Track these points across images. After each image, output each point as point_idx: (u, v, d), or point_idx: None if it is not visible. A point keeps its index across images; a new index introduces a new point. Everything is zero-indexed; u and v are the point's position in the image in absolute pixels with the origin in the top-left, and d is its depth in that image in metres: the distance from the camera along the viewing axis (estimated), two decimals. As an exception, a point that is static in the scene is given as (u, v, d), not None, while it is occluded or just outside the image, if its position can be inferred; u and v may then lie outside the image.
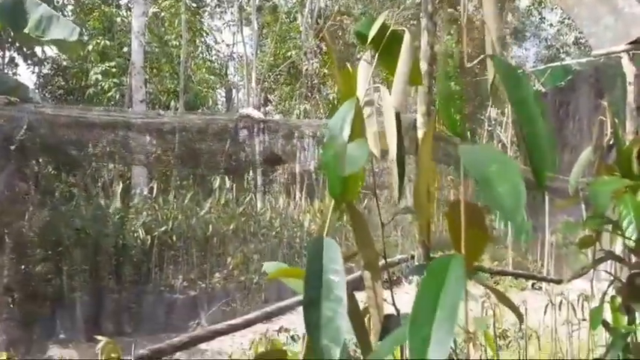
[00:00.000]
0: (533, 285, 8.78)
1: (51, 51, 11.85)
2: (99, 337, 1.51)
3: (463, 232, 0.94)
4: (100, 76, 11.85)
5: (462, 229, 0.94)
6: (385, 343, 0.91)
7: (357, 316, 1.03)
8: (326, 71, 14.82)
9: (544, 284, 7.30)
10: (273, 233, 9.42)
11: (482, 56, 1.04)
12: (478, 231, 0.97)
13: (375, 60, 1.14)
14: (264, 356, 1.05)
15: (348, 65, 1.21)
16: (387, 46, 1.14)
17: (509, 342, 4.96)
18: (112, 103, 12.16)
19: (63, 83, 13.83)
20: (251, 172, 12.60)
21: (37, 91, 11.81)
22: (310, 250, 0.92)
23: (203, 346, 5.90)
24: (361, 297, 1.09)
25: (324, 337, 0.78)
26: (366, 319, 1.17)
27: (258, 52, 15.46)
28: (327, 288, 0.85)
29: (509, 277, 8.79)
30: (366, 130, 1.14)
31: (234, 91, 18.56)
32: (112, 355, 1.52)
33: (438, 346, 0.73)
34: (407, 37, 1.11)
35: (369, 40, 1.13)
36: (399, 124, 1.11)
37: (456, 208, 0.98)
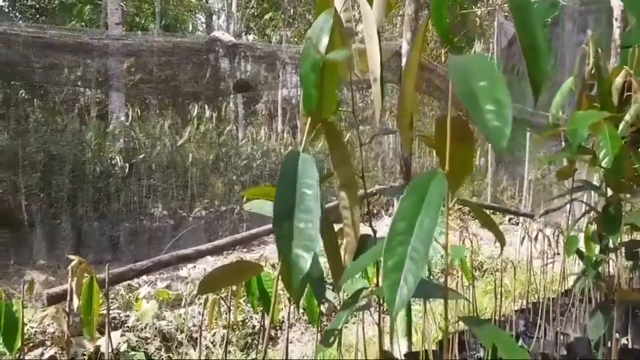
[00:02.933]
0: (510, 220, 8.99)
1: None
2: (71, 257, 1.47)
3: (448, 147, 0.90)
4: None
5: (447, 144, 0.90)
6: (360, 260, 0.88)
7: (329, 235, 1.00)
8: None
9: (521, 219, 7.46)
10: (255, 165, 9.38)
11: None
12: (464, 147, 0.93)
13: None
14: (242, 265, 1.02)
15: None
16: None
17: (485, 273, 5.12)
18: (87, 25, 11.65)
19: (33, 2, 13.15)
20: (231, 103, 12.38)
21: (5, 10, 11.21)
22: (285, 164, 0.88)
23: (183, 273, 5.98)
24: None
25: (296, 246, 0.76)
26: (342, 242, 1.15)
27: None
28: (300, 200, 0.81)
29: (488, 211, 8.95)
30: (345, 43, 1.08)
31: (214, 17, 17.91)
32: (86, 274, 1.49)
33: (414, 263, 0.71)
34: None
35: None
36: (379, 40, 1.05)
37: (442, 122, 0.94)
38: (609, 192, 1.92)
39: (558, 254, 3.32)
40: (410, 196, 0.78)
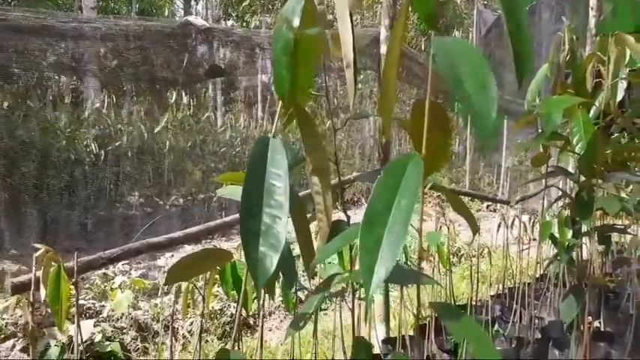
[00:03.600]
0: (488, 207, 9.09)
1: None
2: (37, 246, 1.43)
3: (425, 132, 0.89)
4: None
5: (425, 129, 0.89)
6: (332, 243, 0.86)
7: (301, 221, 0.98)
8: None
9: (498, 205, 7.55)
10: (233, 152, 9.30)
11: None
12: (441, 132, 0.92)
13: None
14: (211, 252, 0.99)
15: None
16: None
17: (461, 258, 5.17)
18: (62, 8, 11.36)
19: (5, -15, 12.78)
20: (210, 89, 12.23)
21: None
22: (254, 152, 0.85)
23: (161, 262, 5.92)
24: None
25: (262, 244, 0.73)
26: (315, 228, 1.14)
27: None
28: (269, 194, 0.78)
29: (466, 198, 9.05)
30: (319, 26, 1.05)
31: (193, 3, 17.61)
32: (53, 263, 1.45)
33: (391, 244, 0.69)
34: None
35: None
36: (352, 26, 1.03)
37: (420, 107, 0.92)
38: (582, 178, 1.93)
39: (534, 240, 3.36)
40: (387, 179, 0.77)
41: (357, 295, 1.15)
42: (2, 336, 3.12)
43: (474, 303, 2.43)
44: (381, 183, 0.73)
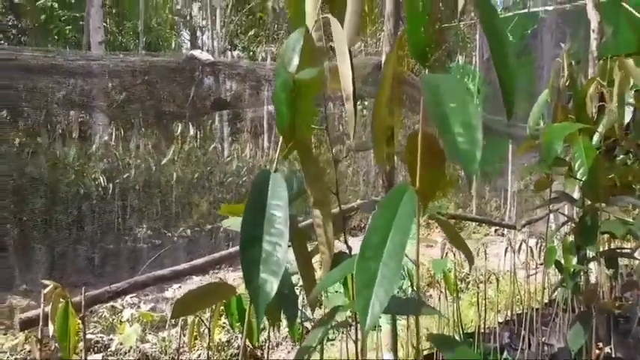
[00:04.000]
0: (496, 231, 9.04)
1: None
2: (46, 282, 1.45)
3: (419, 165, 0.91)
4: (55, 4, 11.21)
5: (418, 161, 0.91)
6: (330, 275, 0.88)
7: (302, 251, 1.00)
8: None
9: (506, 230, 7.51)
10: (240, 182, 9.34)
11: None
12: (435, 164, 0.94)
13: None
14: (215, 287, 1.01)
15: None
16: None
17: (468, 284, 5.12)
18: (70, 43, 11.62)
19: (16, 22, 13.09)
20: (216, 120, 12.37)
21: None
22: (255, 184, 0.88)
23: (169, 294, 5.91)
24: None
25: (263, 271, 0.74)
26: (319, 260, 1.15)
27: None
28: (269, 223, 0.80)
29: (474, 223, 9.02)
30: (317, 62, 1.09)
31: (199, 34, 17.95)
32: (61, 299, 1.46)
33: (386, 279, 0.71)
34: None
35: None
36: (351, 60, 1.06)
37: (413, 140, 0.95)
38: (587, 202, 1.94)
39: (542, 264, 3.34)
40: (381, 212, 0.78)
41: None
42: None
43: (482, 330, 2.42)
44: (376, 217, 0.74)
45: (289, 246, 0.91)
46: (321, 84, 1.09)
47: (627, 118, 2.10)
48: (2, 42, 12.02)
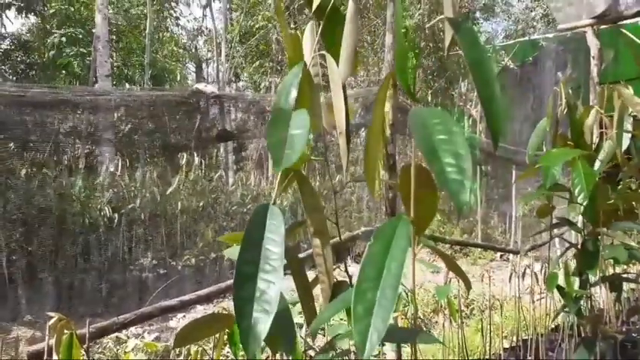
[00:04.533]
0: (501, 256, 8.99)
1: (11, 26, 11.48)
2: (51, 314, 1.47)
3: (413, 195, 0.93)
4: (64, 39, 11.44)
5: (412, 192, 0.94)
6: (330, 307, 0.90)
7: (303, 281, 1.02)
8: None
9: (511, 255, 7.46)
10: (244, 210, 9.36)
11: (439, 17, 1.02)
12: (428, 195, 0.96)
13: (320, 29, 1.11)
14: (216, 317, 1.03)
15: (297, 32, 1.18)
16: (331, 15, 1.11)
17: (472, 310, 5.08)
18: (77, 77, 11.83)
19: (24, 58, 13.36)
20: (221, 149, 12.47)
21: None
22: (253, 218, 0.89)
23: (173, 323, 5.89)
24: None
25: (256, 310, 0.74)
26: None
27: (228, 25, 15.16)
28: (265, 259, 0.81)
29: (479, 249, 8.97)
30: (314, 97, 1.12)
31: (204, 65, 18.24)
32: (66, 331, 1.48)
33: (383, 308, 0.72)
34: (351, 5, 1.08)
35: (313, 8, 1.10)
36: (345, 95, 1.09)
37: (407, 172, 0.97)
38: (588, 227, 1.95)
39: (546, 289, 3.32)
40: (377, 243, 0.80)
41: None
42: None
43: (487, 356, 2.40)
44: (372, 248, 0.76)
45: (290, 274, 0.93)
46: (317, 117, 1.12)
47: (625, 143, 2.12)
48: (11, 77, 12.26)
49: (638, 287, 3.86)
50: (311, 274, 1.14)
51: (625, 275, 2.42)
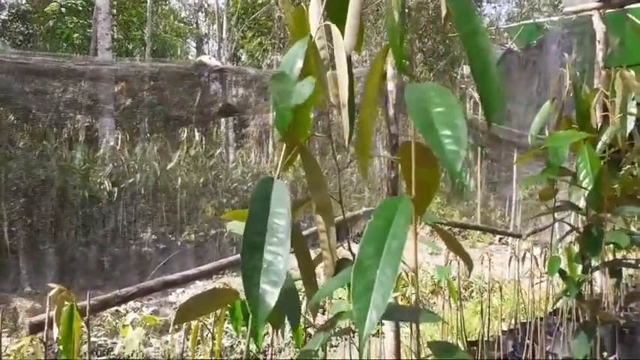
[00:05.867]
0: (500, 240, 9.01)
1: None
2: (51, 285, 1.46)
3: (413, 174, 0.91)
4: (63, 10, 11.30)
5: (413, 171, 0.92)
6: (332, 281, 0.89)
7: (305, 258, 1.01)
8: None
9: (510, 239, 7.48)
10: (245, 187, 9.36)
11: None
12: (429, 173, 0.94)
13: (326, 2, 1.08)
14: (217, 292, 1.02)
15: (303, 4, 1.15)
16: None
17: (471, 293, 5.11)
18: (77, 49, 11.71)
19: (23, 29, 13.21)
20: (222, 126, 12.42)
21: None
22: (257, 191, 0.88)
23: (172, 298, 5.92)
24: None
25: (263, 281, 0.74)
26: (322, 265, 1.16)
27: (230, 0, 14.96)
28: (271, 232, 0.80)
29: (478, 232, 8.99)
30: (320, 69, 1.10)
31: (205, 42, 18.05)
32: (66, 302, 1.48)
33: (383, 286, 0.71)
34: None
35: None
36: (349, 67, 1.06)
37: (407, 149, 0.95)
38: (591, 212, 1.94)
39: (546, 273, 3.33)
40: (377, 221, 0.79)
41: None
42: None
43: (485, 339, 2.41)
44: (372, 226, 0.75)
45: (292, 252, 0.91)
46: (322, 90, 1.10)
47: (629, 128, 2.09)
48: (10, 48, 12.13)
49: (635, 273, 3.87)
50: (311, 254, 1.12)
51: (624, 261, 2.41)
